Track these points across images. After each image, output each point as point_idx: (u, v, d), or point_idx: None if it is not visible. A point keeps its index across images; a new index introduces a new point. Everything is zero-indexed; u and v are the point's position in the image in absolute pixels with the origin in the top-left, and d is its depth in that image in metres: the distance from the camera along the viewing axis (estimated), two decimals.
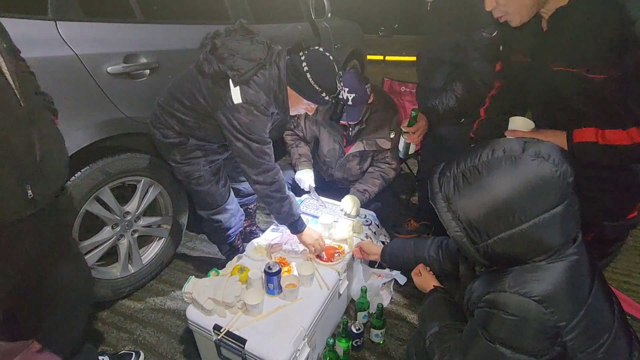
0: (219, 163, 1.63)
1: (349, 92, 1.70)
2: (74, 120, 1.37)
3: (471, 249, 0.83)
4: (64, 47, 1.31)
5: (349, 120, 1.75)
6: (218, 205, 1.65)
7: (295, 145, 2.03)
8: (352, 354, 1.49)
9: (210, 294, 1.24)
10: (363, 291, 1.50)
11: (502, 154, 0.79)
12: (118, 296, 1.71)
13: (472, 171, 0.81)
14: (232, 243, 1.84)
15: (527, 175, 0.76)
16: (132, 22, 1.57)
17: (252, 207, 2.09)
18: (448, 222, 0.84)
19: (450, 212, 0.83)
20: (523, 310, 0.78)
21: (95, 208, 1.52)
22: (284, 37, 2.57)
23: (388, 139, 1.87)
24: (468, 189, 0.80)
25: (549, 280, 0.78)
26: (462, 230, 0.82)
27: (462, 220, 0.81)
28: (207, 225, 1.74)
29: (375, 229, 1.78)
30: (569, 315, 0.77)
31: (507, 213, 0.77)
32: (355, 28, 4.05)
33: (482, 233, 0.80)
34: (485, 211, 0.78)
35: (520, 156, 0.78)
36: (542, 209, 0.76)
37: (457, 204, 0.81)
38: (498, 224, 0.78)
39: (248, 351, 1.15)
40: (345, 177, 2.05)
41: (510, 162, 0.78)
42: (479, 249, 0.82)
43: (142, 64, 1.54)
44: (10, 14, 1.20)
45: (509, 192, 0.76)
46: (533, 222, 0.76)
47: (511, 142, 0.82)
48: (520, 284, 0.79)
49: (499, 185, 0.77)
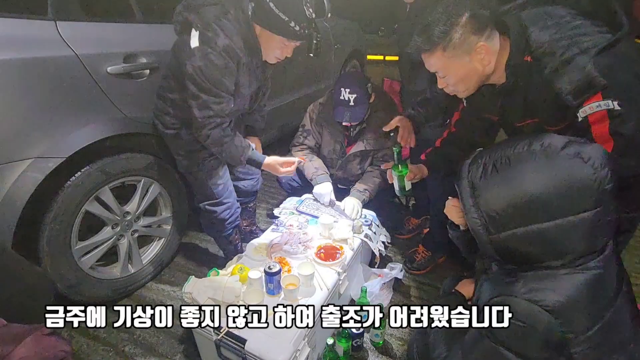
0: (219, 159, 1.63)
1: (350, 93, 1.70)
2: (73, 120, 1.37)
3: (485, 239, 0.82)
4: (64, 47, 1.31)
5: (351, 121, 1.75)
6: (216, 198, 1.66)
7: (309, 160, 1.97)
8: (352, 354, 1.49)
9: (210, 294, 1.24)
10: (363, 291, 1.50)
11: (538, 148, 0.78)
12: (118, 296, 1.71)
13: (503, 160, 0.80)
14: (228, 236, 1.83)
15: (559, 173, 0.74)
16: (132, 22, 1.57)
17: (252, 206, 2.09)
18: (468, 208, 0.83)
19: (473, 197, 0.82)
20: (532, 318, 0.76)
21: (95, 208, 1.52)
22: None
23: (389, 138, 1.87)
24: (495, 176, 0.79)
25: (565, 292, 0.75)
26: (480, 218, 0.81)
27: (483, 208, 0.81)
28: (203, 216, 1.75)
29: (376, 229, 1.79)
30: (580, 329, 0.75)
31: (529, 207, 0.75)
32: (355, 28, 4.05)
33: (499, 224, 0.79)
34: (507, 202, 0.77)
35: (557, 153, 0.76)
36: (569, 210, 0.73)
37: (481, 191, 0.81)
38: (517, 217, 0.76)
39: (248, 351, 1.15)
40: (345, 176, 2.05)
41: (545, 157, 0.76)
42: (493, 240, 0.81)
43: (142, 64, 1.54)
44: (10, 14, 1.21)
45: (536, 186, 0.74)
46: (555, 223, 0.73)
47: (554, 138, 0.80)
48: (533, 290, 0.77)
49: (527, 178, 0.76)
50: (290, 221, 1.73)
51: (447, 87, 1.17)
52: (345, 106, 1.72)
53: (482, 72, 1.08)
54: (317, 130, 2.00)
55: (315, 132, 2.00)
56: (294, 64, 2.71)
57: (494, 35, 1.05)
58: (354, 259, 1.59)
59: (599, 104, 0.90)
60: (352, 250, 1.58)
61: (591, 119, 0.92)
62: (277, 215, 1.83)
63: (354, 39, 3.90)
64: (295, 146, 2.05)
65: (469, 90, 1.15)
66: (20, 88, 1.23)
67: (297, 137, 2.04)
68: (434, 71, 1.14)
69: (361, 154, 1.93)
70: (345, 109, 1.73)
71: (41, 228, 1.37)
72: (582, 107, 0.93)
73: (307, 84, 2.96)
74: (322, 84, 3.20)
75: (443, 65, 1.09)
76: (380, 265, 1.80)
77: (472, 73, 1.09)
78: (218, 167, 1.62)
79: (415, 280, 1.92)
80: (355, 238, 1.63)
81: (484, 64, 1.06)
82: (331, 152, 1.99)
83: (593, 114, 0.91)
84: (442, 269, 1.97)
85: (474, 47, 1.03)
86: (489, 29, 1.04)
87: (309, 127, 2.00)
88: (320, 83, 3.18)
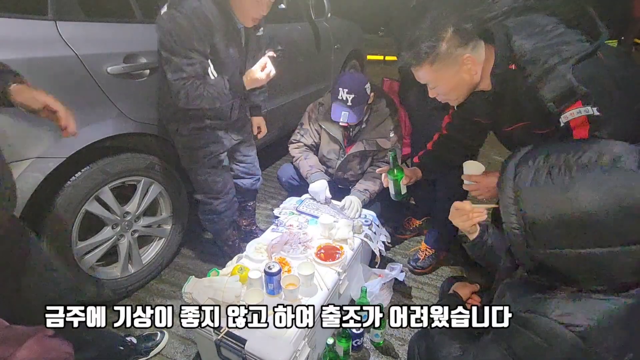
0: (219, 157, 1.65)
1: (348, 93, 1.70)
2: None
3: (523, 251, 0.75)
4: (64, 47, 1.31)
5: (349, 121, 1.75)
6: (214, 193, 1.69)
7: (304, 158, 1.99)
8: (352, 354, 1.49)
9: (210, 294, 1.24)
10: (363, 291, 1.50)
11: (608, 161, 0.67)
12: (118, 296, 1.71)
13: (562, 169, 0.69)
14: (224, 231, 1.86)
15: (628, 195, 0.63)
16: (132, 22, 1.57)
17: (252, 205, 2.09)
18: (508, 216, 0.75)
19: (516, 205, 0.74)
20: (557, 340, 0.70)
21: (95, 208, 1.52)
22: (284, 37, 2.57)
23: (388, 139, 1.87)
24: (548, 186, 0.70)
25: (600, 317, 0.69)
26: (521, 228, 0.73)
27: (527, 218, 0.72)
28: (200, 208, 1.78)
29: (376, 229, 1.79)
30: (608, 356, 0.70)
31: (581, 228, 0.66)
32: (355, 28, 4.05)
33: (544, 240, 0.71)
34: (557, 219, 0.68)
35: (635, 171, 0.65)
36: (628, 239, 0.64)
37: (528, 200, 0.72)
38: (565, 235, 0.68)
39: (248, 351, 1.15)
40: (345, 177, 2.05)
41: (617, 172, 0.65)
42: (532, 254, 0.74)
43: (142, 64, 1.54)
44: (10, 14, 1.21)
45: (595, 207, 0.64)
46: (610, 251, 0.65)
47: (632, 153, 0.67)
48: (566, 314, 0.71)
49: (586, 195, 0.65)
50: (290, 221, 1.73)
51: (439, 96, 1.20)
52: (343, 106, 1.72)
53: (471, 81, 1.12)
54: (315, 130, 2.00)
55: (313, 131, 2.01)
56: (294, 64, 2.71)
57: (479, 45, 1.09)
58: (354, 259, 1.59)
59: (579, 110, 0.95)
60: (352, 250, 1.58)
61: (572, 123, 0.97)
62: (277, 215, 1.83)
63: (354, 39, 3.90)
64: (292, 143, 2.07)
65: (460, 99, 1.20)
66: None
67: (295, 135, 2.06)
68: (424, 82, 1.18)
69: (360, 154, 1.93)
70: (343, 109, 1.73)
71: (41, 228, 1.37)
72: (564, 114, 0.98)
73: (307, 84, 2.96)
74: (322, 84, 3.19)
75: (432, 77, 1.13)
76: (380, 266, 1.80)
77: (461, 83, 1.13)
78: (218, 165, 1.64)
79: (415, 280, 1.92)
80: (355, 238, 1.63)
81: (472, 74, 1.10)
82: (330, 152, 1.99)
83: (574, 119, 0.96)
84: (443, 268, 1.98)
85: (460, 59, 1.07)
86: (474, 40, 1.07)
87: (307, 126, 2.01)
88: (320, 83, 3.18)
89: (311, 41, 2.98)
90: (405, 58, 1.11)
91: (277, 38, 2.47)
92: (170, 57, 1.30)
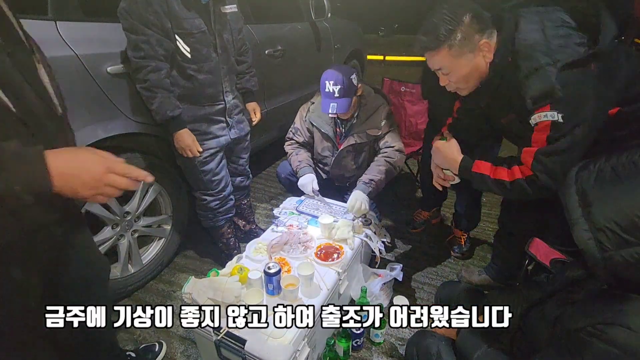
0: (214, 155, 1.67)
1: (334, 85, 1.72)
2: (73, 121, 1.35)
3: (597, 257, 0.71)
4: (64, 47, 1.31)
5: (338, 111, 1.75)
6: (209, 189, 1.73)
7: (295, 154, 2.04)
8: (352, 354, 1.49)
9: (210, 294, 1.24)
10: (363, 291, 1.50)
11: None
12: (118, 296, 1.71)
13: (626, 166, 0.69)
14: (220, 228, 1.88)
15: None
16: None
17: (246, 203, 2.10)
18: (576, 220, 0.72)
19: (583, 208, 0.71)
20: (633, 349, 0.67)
21: (95, 208, 1.52)
22: (284, 37, 2.57)
23: (378, 128, 1.87)
24: (615, 183, 0.69)
25: None
26: (592, 231, 0.70)
27: (596, 219, 0.70)
28: (197, 204, 1.82)
29: (376, 229, 1.78)
30: None
31: None
32: (355, 28, 4.05)
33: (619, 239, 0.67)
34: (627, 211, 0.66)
35: None
36: None
37: (596, 200, 0.70)
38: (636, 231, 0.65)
39: (248, 351, 1.15)
40: (341, 173, 2.06)
41: None
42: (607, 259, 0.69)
43: None
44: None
45: None
46: None
47: None
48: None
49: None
50: (290, 221, 1.73)
51: (449, 84, 1.21)
52: (331, 98, 1.74)
53: (484, 68, 1.13)
54: (307, 129, 2.03)
55: (304, 129, 2.04)
56: (294, 64, 2.71)
57: (493, 32, 1.11)
58: (354, 259, 1.59)
59: (546, 114, 1.01)
60: (352, 250, 1.58)
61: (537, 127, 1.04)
62: (277, 215, 1.83)
63: (354, 39, 3.90)
64: (286, 141, 2.13)
65: (469, 89, 1.21)
66: None
67: (288, 133, 2.12)
68: (437, 68, 1.18)
69: (353, 148, 1.94)
70: (331, 100, 1.75)
71: None
72: (534, 114, 1.03)
73: (307, 84, 2.96)
74: None
75: (448, 62, 1.13)
76: (380, 266, 1.80)
77: (474, 70, 1.14)
78: (211, 162, 1.67)
79: (415, 280, 1.92)
80: (355, 238, 1.63)
81: (487, 60, 1.12)
82: (325, 149, 2.01)
83: (541, 122, 1.03)
84: (443, 269, 1.98)
85: (477, 45, 1.09)
86: (491, 27, 1.10)
87: (299, 125, 2.05)
88: None
89: (311, 41, 2.98)
90: (423, 42, 1.12)
91: (277, 38, 2.47)
92: (128, 34, 1.34)
